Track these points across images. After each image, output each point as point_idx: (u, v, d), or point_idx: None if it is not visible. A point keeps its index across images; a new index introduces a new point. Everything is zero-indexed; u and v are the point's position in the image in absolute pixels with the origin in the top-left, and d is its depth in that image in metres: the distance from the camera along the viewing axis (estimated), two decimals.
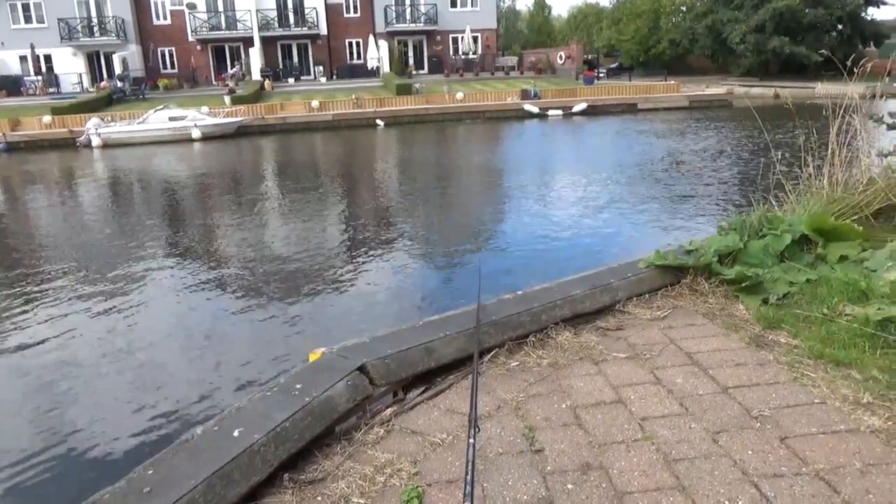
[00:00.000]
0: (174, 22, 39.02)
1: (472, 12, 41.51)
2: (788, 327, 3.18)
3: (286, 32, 39.65)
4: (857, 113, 5.37)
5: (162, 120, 24.86)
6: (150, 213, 13.11)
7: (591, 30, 65.63)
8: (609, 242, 8.75)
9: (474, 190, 14.23)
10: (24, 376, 5.36)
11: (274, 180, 17.02)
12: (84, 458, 4.12)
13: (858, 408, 2.44)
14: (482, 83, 35.58)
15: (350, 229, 10.66)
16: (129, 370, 5.38)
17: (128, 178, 18.23)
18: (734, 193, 11.56)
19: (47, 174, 19.90)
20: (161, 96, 32.93)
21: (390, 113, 28.68)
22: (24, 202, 15.21)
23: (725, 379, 2.73)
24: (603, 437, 2.36)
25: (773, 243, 3.98)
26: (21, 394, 5.08)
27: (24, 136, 25.67)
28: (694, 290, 3.76)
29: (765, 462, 2.16)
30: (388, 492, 2.11)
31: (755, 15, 40.49)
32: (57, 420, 4.60)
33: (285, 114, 28.61)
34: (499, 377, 2.87)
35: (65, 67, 37.13)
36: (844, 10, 39.96)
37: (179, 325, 6.47)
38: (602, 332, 3.32)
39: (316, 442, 2.35)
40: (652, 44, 50.42)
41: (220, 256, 9.10)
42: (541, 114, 28.84)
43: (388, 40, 39.37)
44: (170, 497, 1.86)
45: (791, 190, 5.18)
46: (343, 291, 7.24)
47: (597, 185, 13.03)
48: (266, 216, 11.93)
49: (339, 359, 2.72)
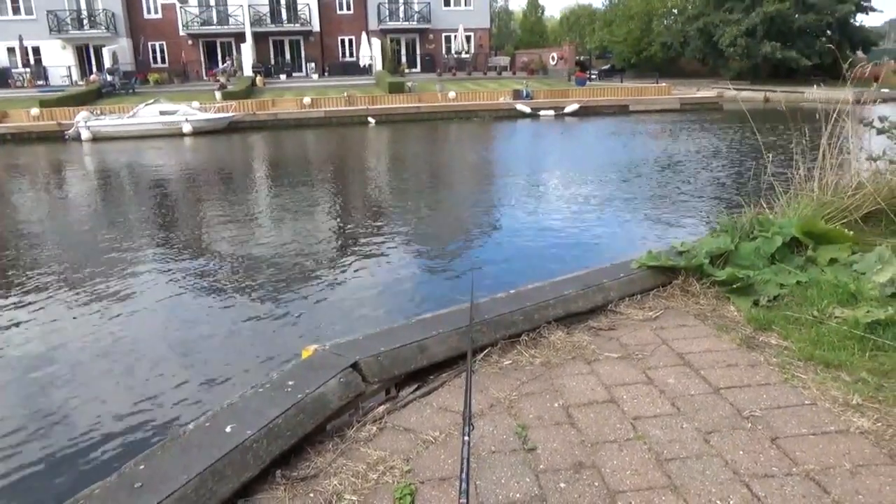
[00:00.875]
0: (165, 16, 38.70)
1: (466, 11, 41.48)
2: (779, 329, 3.21)
3: (278, 28, 39.45)
4: (848, 117, 5.42)
5: (152, 114, 24.69)
6: (140, 207, 13.01)
7: (583, 31, 65.88)
8: (601, 242, 8.78)
9: (467, 188, 14.22)
10: (10, 373, 5.30)
11: (265, 176, 16.94)
12: (73, 453, 4.08)
13: (848, 409, 2.46)
14: (474, 83, 35.58)
15: (342, 226, 10.63)
16: (118, 366, 5.34)
17: (119, 172, 18.07)
18: (725, 195, 11.62)
19: (37, 167, 19.72)
20: (151, 91, 32.65)
21: (382, 111, 28.63)
22: (13, 194, 15.05)
23: (717, 379, 2.75)
24: (595, 436, 2.37)
25: (764, 245, 4.01)
26: (8, 389, 5.03)
27: (11, 128, 25.41)
28: (685, 291, 3.78)
29: (756, 462, 2.17)
30: (381, 489, 2.10)
31: (746, 19, 40.80)
32: (46, 416, 4.55)
33: (277, 110, 28.47)
34: (492, 376, 2.88)
35: (53, 60, 36.75)
36: (834, 16, 40.36)
37: (170, 320, 6.42)
38: (594, 331, 3.33)
39: (308, 439, 2.34)
40: (644, 46, 50.71)
41: (211, 252, 9.04)
42: (533, 114, 28.89)
43: (380, 38, 39.28)
44: (161, 492, 1.84)
45: (782, 193, 5.22)
46: (335, 288, 7.22)
47: (589, 185, 13.08)
48: (258, 212, 11.88)
49: (331, 356, 2.71)
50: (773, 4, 39.57)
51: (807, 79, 32.53)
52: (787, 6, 39.45)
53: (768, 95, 33.67)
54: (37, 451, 4.11)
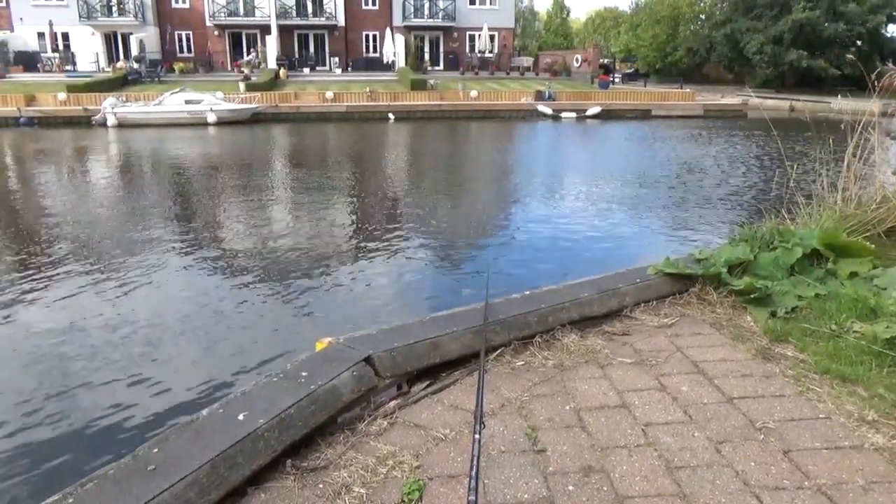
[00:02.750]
0: (193, 6, 39.07)
1: (491, 11, 41.40)
2: (796, 341, 3.17)
3: (304, 22, 39.66)
4: (874, 129, 5.34)
5: (178, 103, 24.98)
6: (168, 193, 13.16)
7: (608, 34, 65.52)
8: (618, 247, 8.73)
9: (484, 188, 14.21)
10: (28, 355, 5.39)
11: (287, 168, 17.06)
12: (88, 435, 4.15)
13: (863, 425, 2.43)
14: (497, 82, 35.53)
15: (360, 221, 10.67)
16: (136, 349, 5.41)
17: (147, 158, 18.31)
18: (746, 204, 11.51)
19: (67, 150, 20.07)
20: (176, 79, 33.00)
21: (403, 108, 28.69)
22: (46, 175, 15.30)
23: (731, 389, 2.73)
24: (606, 440, 2.36)
25: (783, 256, 3.96)
26: (26, 370, 5.12)
27: (38, 111, 25.82)
28: (702, 299, 3.75)
29: (767, 474, 2.15)
30: (390, 483, 2.12)
31: (774, 26, 40.28)
32: (63, 397, 4.63)
33: (299, 103, 28.65)
34: (504, 376, 2.88)
35: (82, 46, 37.26)
36: (865, 26, 39.72)
37: (188, 307, 6.49)
38: (608, 336, 3.32)
39: (319, 430, 2.36)
40: (669, 51, 50.28)
41: (231, 241, 9.13)
42: (554, 115, 28.79)
43: (405, 35, 39.33)
44: (174, 476, 1.87)
45: (804, 204, 5.16)
46: (351, 282, 7.25)
47: (607, 188, 13.01)
48: (278, 204, 11.96)
49: (345, 349, 2.73)
50: (803, 12, 39.05)
51: (834, 89, 32.08)
52: (816, 15, 38.91)
53: (794, 104, 33.26)
54: (53, 430, 4.18)
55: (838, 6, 39.64)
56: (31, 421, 4.30)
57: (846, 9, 39.55)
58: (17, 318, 6.15)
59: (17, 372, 5.06)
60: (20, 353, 5.40)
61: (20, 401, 4.56)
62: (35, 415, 4.38)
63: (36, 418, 4.33)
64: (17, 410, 4.44)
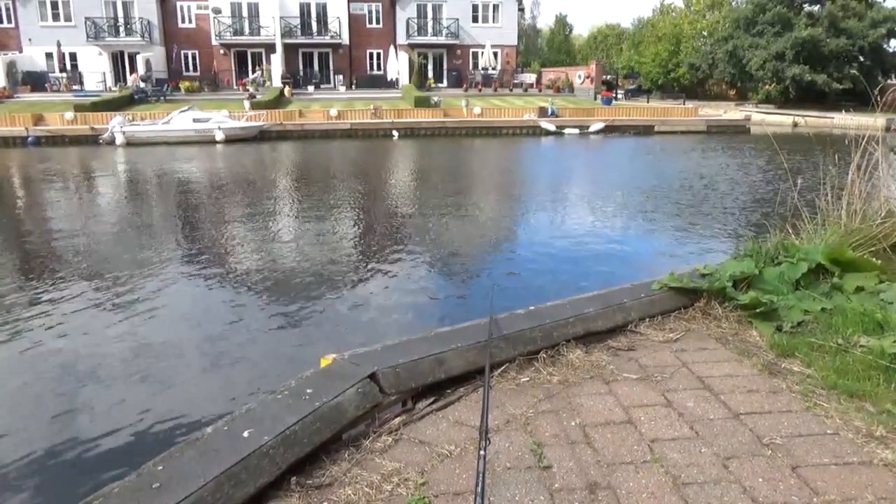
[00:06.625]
0: (198, 25, 39.56)
1: (494, 28, 41.77)
2: (802, 356, 3.16)
3: (308, 40, 40.07)
4: (879, 144, 5.34)
5: (186, 121, 25.19)
6: (178, 210, 13.23)
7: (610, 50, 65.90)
8: (622, 262, 8.72)
9: (488, 203, 14.24)
10: (33, 373, 5.40)
11: (293, 185, 17.13)
12: (93, 453, 4.14)
13: (871, 440, 2.41)
14: (500, 99, 35.72)
15: (364, 237, 10.70)
16: (141, 366, 5.41)
17: (156, 177, 18.37)
18: (750, 219, 11.49)
19: (75, 169, 20.21)
20: (182, 98, 33.31)
21: (407, 125, 28.85)
22: (54, 195, 15.40)
23: (737, 405, 2.71)
24: (612, 456, 2.35)
25: (788, 271, 3.95)
26: (31, 388, 5.12)
27: (46, 130, 26.07)
28: (707, 314, 3.74)
29: (775, 490, 2.14)
30: (395, 500, 2.11)
31: (776, 42, 40.46)
32: (68, 414, 4.63)
33: (304, 120, 28.84)
34: (508, 392, 2.87)
35: (89, 66, 37.70)
36: (867, 41, 39.87)
37: (192, 324, 6.51)
38: (614, 351, 3.31)
39: (324, 447, 2.35)
40: (671, 67, 50.52)
41: (237, 258, 9.16)
42: (557, 132, 28.89)
43: (408, 52, 39.67)
44: (178, 494, 1.87)
45: (808, 219, 5.15)
46: (356, 299, 7.26)
47: (611, 204, 13.02)
48: (284, 220, 12.00)
49: (350, 365, 2.73)
50: (805, 30, 39.23)
51: (836, 104, 32.12)
52: (819, 31, 39.08)
53: (797, 120, 33.34)
54: (58, 448, 4.17)
55: (839, 22, 39.83)
56: (35, 437, 4.29)
57: (847, 24, 39.73)
58: (22, 337, 6.16)
59: (22, 388, 5.06)
60: (25, 370, 5.40)
61: (24, 416, 4.56)
62: (39, 431, 4.37)
63: (40, 435, 4.32)
64: (22, 426, 4.44)
